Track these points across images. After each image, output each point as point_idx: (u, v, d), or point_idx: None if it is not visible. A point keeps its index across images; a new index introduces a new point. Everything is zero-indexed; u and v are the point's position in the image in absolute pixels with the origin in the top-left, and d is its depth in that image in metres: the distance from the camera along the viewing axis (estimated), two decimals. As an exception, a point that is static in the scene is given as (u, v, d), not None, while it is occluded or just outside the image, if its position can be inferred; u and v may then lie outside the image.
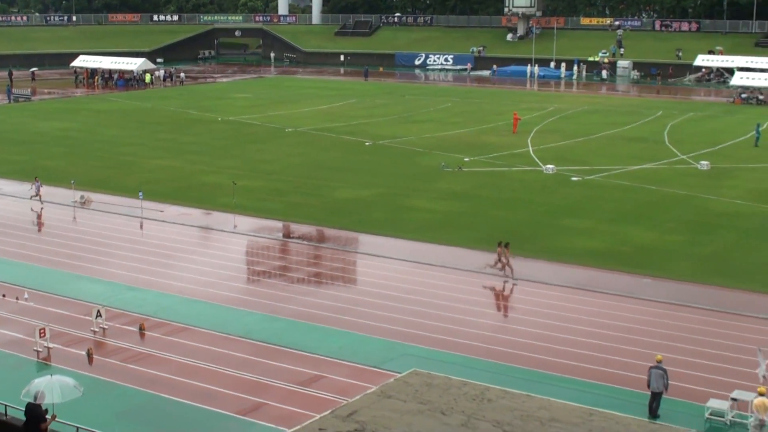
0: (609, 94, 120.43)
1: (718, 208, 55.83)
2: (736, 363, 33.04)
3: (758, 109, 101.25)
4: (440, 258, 45.79)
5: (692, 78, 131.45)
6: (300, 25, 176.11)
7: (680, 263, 45.20)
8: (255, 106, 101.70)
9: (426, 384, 31.04)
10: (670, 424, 28.45)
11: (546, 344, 34.85)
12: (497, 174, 65.28)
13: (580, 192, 60.00)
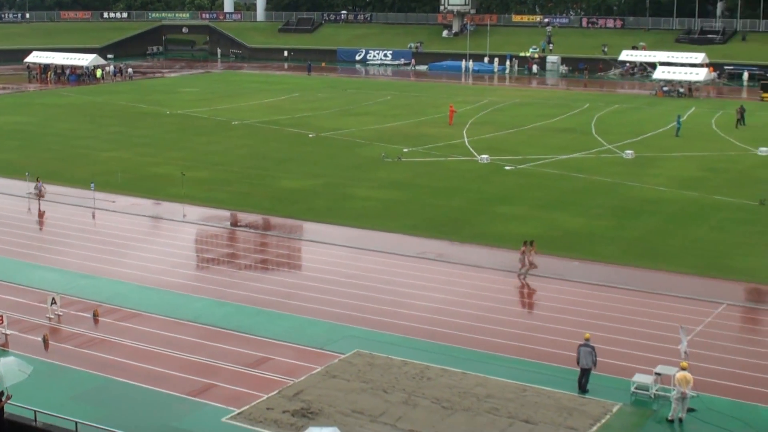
0: (539, 88, 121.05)
1: (642, 194, 56.41)
2: (659, 340, 33.45)
3: (679, 102, 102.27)
4: (381, 244, 45.88)
5: (617, 72, 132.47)
6: (245, 22, 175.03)
7: (607, 247, 45.66)
8: (202, 100, 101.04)
9: (368, 364, 31.23)
10: (598, 398, 28.93)
11: (482, 324, 35.06)
12: (434, 164, 65.46)
13: (512, 180, 60.35)
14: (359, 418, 27.16)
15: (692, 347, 31.24)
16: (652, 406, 28.64)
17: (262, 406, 28.04)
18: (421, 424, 26.80)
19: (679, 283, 40.48)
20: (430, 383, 29.70)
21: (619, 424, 27.35)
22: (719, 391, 29.47)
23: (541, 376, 30.43)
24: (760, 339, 34.97)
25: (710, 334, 34.43)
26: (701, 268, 42.46)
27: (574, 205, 53.71)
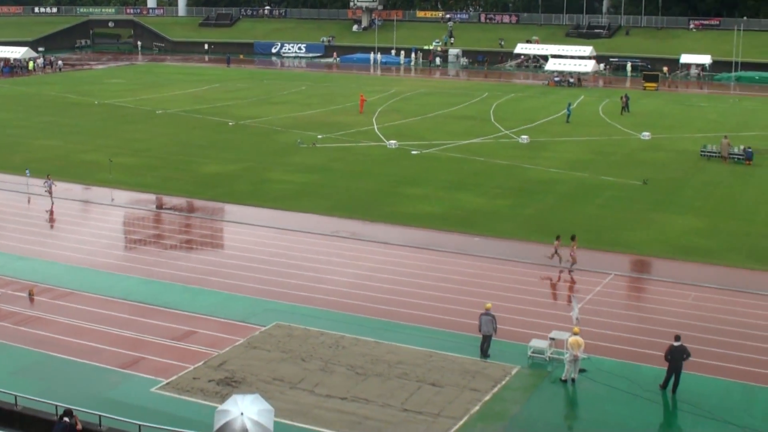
0: (442, 79, 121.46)
1: (536, 175, 57.04)
2: (553, 308, 33.97)
3: (569, 91, 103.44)
4: (298, 224, 45.76)
5: (513, 64, 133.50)
6: (167, 17, 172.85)
7: (505, 224, 46.11)
8: (128, 91, 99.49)
9: (287, 335, 31.21)
10: (498, 362, 29.27)
11: (392, 297, 35.20)
12: (346, 149, 65.38)
13: (419, 164, 60.54)
14: (279, 385, 27.14)
15: (583, 314, 31.70)
16: (548, 368, 29.05)
17: (189, 376, 27.85)
18: (337, 389, 26.87)
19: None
20: (344, 352, 29.76)
21: (518, 384, 27.72)
22: (608, 353, 29.99)
23: (447, 342, 30.68)
24: (644, 305, 35.68)
25: (599, 302, 35.03)
26: (591, 242, 43.03)
27: (475, 186, 54.10)
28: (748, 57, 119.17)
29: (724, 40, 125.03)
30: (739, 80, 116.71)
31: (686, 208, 49.71)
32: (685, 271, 39.24)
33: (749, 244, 43.35)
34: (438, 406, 25.92)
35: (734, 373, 28.94)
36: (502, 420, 25.36)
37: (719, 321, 33.34)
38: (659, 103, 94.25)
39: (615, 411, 26.20)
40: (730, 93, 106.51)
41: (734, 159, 62.31)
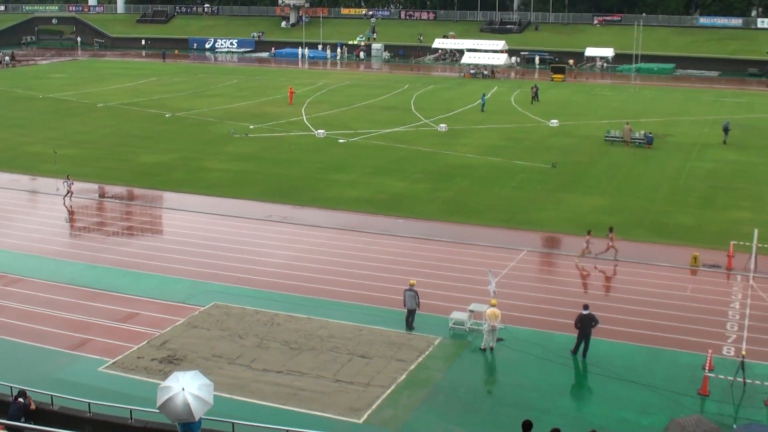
0: (366, 71, 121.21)
1: (454, 161, 57.34)
2: (472, 282, 34.20)
3: (483, 82, 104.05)
4: (233, 209, 45.44)
5: (431, 57, 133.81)
6: (107, 14, 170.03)
7: (427, 206, 46.32)
8: (71, 85, 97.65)
9: (225, 314, 31.05)
10: (422, 334, 29.45)
11: (323, 276, 35.19)
12: (277, 139, 65.00)
13: (345, 151, 60.47)
14: (218, 361, 27.01)
15: (499, 287, 32.01)
16: (468, 338, 29.32)
17: (133, 355, 27.57)
18: (272, 363, 26.82)
19: (487, 234, 41.43)
20: (279, 328, 29.69)
21: (441, 354, 27.94)
22: (523, 323, 30.38)
23: (375, 317, 30.79)
24: (554, 278, 36.18)
25: (514, 276, 35.42)
26: (505, 221, 43.53)
27: (398, 171, 54.22)
28: (648, 50, 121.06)
29: (625, 34, 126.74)
30: (640, 71, 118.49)
31: (592, 188, 50.41)
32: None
33: (650, 220, 44.15)
34: (367, 377, 26.03)
35: (638, 337, 29.53)
36: (427, 387, 25.56)
37: (624, 290, 33.99)
38: (566, 92, 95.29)
39: (530, 375, 26.56)
40: (631, 83, 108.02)
41: (636, 143, 63.29)
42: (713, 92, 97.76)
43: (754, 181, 52.75)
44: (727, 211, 45.86)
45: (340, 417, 23.64)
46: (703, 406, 24.85)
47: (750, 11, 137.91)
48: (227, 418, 21.91)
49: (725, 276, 36.31)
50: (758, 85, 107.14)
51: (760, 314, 31.74)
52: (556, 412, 24.17)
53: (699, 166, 56.93)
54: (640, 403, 24.93)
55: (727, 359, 27.66)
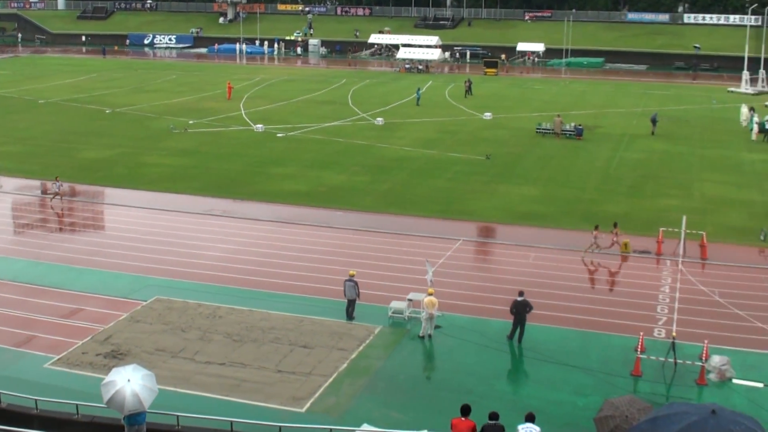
0: (303, 67, 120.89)
1: (391, 154, 57.44)
2: (410, 272, 34.31)
3: (418, 77, 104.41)
4: (173, 204, 45.00)
5: (367, 53, 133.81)
6: (48, 10, 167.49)
7: (364, 198, 46.34)
8: (12, 81, 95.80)
9: (167, 308, 30.75)
10: (362, 323, 29.47)
11: (263, 268, 35.02)
12: (216, 133, 64.51)
13: (284, 145, 60.21)
14: (162, 355, 26.74)
15: (437, 276, 32.15)
16: (407, 326, 29.38)
17: (78, 351, 27.18)
18: (215, 356, 26.63)
19: (423, 224, 41.60)
20: (221, 321, 29.49)
21: (381, 342, 27.99)
22: (460, 311, 30.56)
23: (316, 308, 30.72)
24: (490, 266, 36.46)
25: (451, 265, 35.60)
26: (441, 212, 43.74)
27: (336, 164, 54.15)
28: (577, 45, 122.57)
29: (555, 30, 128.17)
30: (569, 65, 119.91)
31: (525, 179, 50.88)
32: (525, 234, 40.24)
33: (580, 209, 44.71)
34: (309, 366, 25.99)
35: (572, 322, 29.90)
36: (368, 375, 25.60)
37: (557, 277, 34.35)
38: (499, 86, 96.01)
39: (467, 361, 26.74)
40: (562, 77, 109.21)
41: (566, 135, 64.00)
42: (641, 85, 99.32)
43: (681, 170, 53.71)
44: (656, 199, 46.63)
45: (283, 407, 23.57)
46: (636, 386, 25.26)
47: (677, 7, 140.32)
48: (172, 411, 21.81)
49: (655, 261, 36.93)
50: (685, 77, 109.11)
51: (689, 297, 32.35)
52: (494, 396, 24.37)
53: (628, 156, 57.78)
54: (575, 385, 25.25)
55: (659, 341, 28.13)
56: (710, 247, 37.68)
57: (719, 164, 55.74)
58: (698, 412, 15.09)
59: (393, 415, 23.16)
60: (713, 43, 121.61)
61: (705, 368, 25.76)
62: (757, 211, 44.61)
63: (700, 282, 34.18)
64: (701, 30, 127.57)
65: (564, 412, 23.65)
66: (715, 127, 69.80)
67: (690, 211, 42.81)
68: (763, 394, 25.01)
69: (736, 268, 35.93)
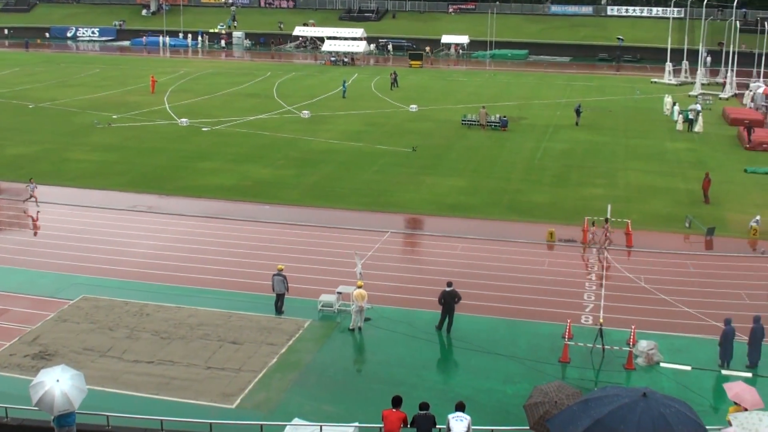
0: (228, 60, 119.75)
1: (318, 147, 57.32)
2: (339, 265, 34.32)
3: (344, 69, 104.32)
4: (98, 200, 44.32)
5: (292, 45, 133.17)
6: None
7: (291, 192, 46.18)
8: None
9: (94, 307, 30.31)
10: (292, 317, 29.41)
11: (190, 264, 34.70)
12: (141, 128, 63.61)
13: (209, 139, 59.66)
14: (90, 354, 26.35)
15: (366, 269, 32.23)
16: (336, 319, 29.42)
17: (6, 353, 26.60)
18: (143, 354, 26.33)
19: (351, 217, 41.64)
20: (149, 318, 29.16)
21: (310, 336, 27.96)
22: (389, 302, 30.68)
23: (244, 303, 30.56)
24: (419, 258, 36.66)
25: (379, 257, 35.70)
26: (368, 204, 43.82)
27: (262, 158, 53.86)
28: (501, 37, 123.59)
29: (479, 22, 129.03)
30: (494, 57, 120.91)
31: (451, 170, 51.22)
32: (452, 225, 40.53)
33: (506, 199, 45.19)
34: (239, 362, 25.85)
35: (500, 311, 30.24)
36: (298, 369, 25.55)
37: (484, 267, 34.68)
38: (424, 78, 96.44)
39: (397, 352, 26.87)
40: (486, 68, 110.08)
41: (491, 126, 64.57)
42: (565, 77, 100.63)
43: (605, 160, 54.61)
44: (581, 189, 47.34)
45: (213, 403, 23.42)
46: (565, 372, 25.67)
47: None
48: (101, 412, 21.53)
49: (581, 249, 37.52)
50: (608, 69, 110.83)
51: (614, 284, 32.96)
52: (424, 386, 24.52)
53: (552, 146, 58.55)
54: (504, 373, 25.55)
55: (586, 327, 28.62)
56: (635, 235, 38.43)
57: (643, 153, 56.83)
58: (630, 395, 15.40)
59: (324, 409, 23.17)
60: (636, 35, 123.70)
61: (633, 353, 26.32)
62: (681, 199, 45.63)
63: (626, 269, 34.85)
64: (624, 22, 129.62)
65: (494, 400, 23.92)
66: (638, 118, 71.11)
67: (614, 199, 43.55)
68: (690, 376, 25.65)
69: (661, 255, 36.71)
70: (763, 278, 34.49)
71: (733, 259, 36.58)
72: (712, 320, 29.50)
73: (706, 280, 34.10)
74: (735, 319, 26.91)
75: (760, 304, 31.10)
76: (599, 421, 14.84)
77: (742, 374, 25.60)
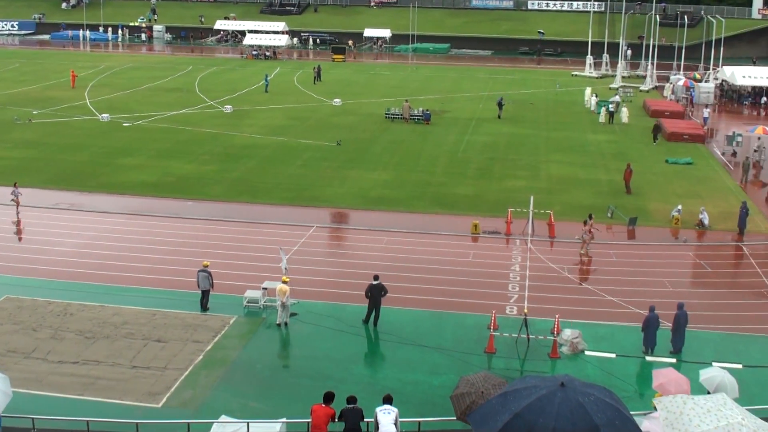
0: (149, 54, 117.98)
1: (240, 141, 56.95)
2: (264, 261, 34.17)
3: (266, 63, 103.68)
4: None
5: (213, 39, 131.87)
6: None
7: (215, 187, 45.81)
8: None
9: (17, 307, 29.74)
10: (217, 314, 29.22)
11: (114, 262, 34.20)
12: (62, 124, 62.41)
13: (131, 135, 58.80)
14: (13, 356, 25.82)
15: (292, 264, 32.17)
16: (262, 314, 29.31)
17: (-77, 356, 25.94)
18: (68, 354, 25.91)
19: (276, 212, 41.51)
20: (72, 318, 28.70)
21: (236, 332, 27.83)
22: (316, 297, 30.71)
23: (169, 301, 30.27)
24: (344, 252, 36.71)
25: (305, 252, 35.66)
26: (293, 199, 43.72)
27: (185, 153, 53.30)
28: (423, 31, 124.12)
29: (401, 16, 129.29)
30: (416, 51, 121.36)
31: (376, 164, 51.35)
32: (378, 219, 40.68)
33: (430, 192, 45.48)
34: (164, 360, 25.61)
35: (426, 303, 30.49)
36: (224, 366, 25.41)
37: (410, 260, 34.89)
38: (347, 72, 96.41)
39: (324, 347, 26.90)
40: (409, 62, 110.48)
41: (415, 120, 64.88)
42: (487, 70, 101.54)
43: (527, 152, 55.32)
44: (504, 181, 47.89)
45: (139, 403, 23.16)
46: (491, 362, 25.99)
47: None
48: (26, 414, 21.19)
49: (504, 241, 37.98)
50: (529, 62, 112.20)
51: (538, 274, 33.43)
52: (351, 380, 24.60)
53: (475, 139, 59.08)
54: (431, 365, 25.76)
55: (511, 318, 29.01)
56: (558, 226, 39.03)
57: (565, 145, 57.71)
58: (547, 385, 15.47)
59: (251, 405, 23.10)
60: (557, 29, 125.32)
61: (557, 342, 26.74)
62: (603, 190, 46.47)
63: (549, 259, 35.40)
64: (545, 16, 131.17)
65: (420, 392, 24.11)
66: (560, 110, 72.16)
67: (537, 191, 44.14)
68: (615, 364, 26.18)
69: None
70: (685, 266, 35.43)
71: (655, 248, 37.43)
72: (636, 308, 30.16)
73: (629, 269, 34.85)
74: (658, 307, 27.58)
75: (682, 291, 31.96)
76: (518, 415, 14.91)
77: (665, 360, 26.25)
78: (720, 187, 48.15)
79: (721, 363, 24.89)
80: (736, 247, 38.25)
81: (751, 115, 74.86)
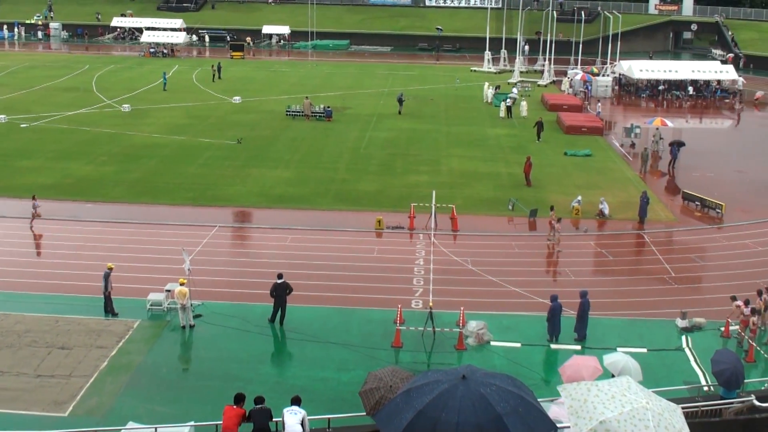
0: (45, 52, 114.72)
1: (140, 141, 55.98)
2: (167, 263, 33.69)
3: (164, 61, 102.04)
4: None
5: (110, 37, 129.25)
6: None
7: (114, 189, 44.94)
8: None
9: None
10: (121, 319, 28.71)
11: (14, 269, 33.31)
12: (-48, 127, 60.46)
13: (28, 137, 57.22)
14: None
15: (195, 265, 31.68)
16: (166, 317, 28.93)
17: None
18: (-33, 364, 25.13)
19: (177, 213, 40.98)
20: (-30, 327, 27.84)
21: (141, 336, 27.40)
22: (220, 297, 30.46)
23: (71, 306, 29.60)
24: (248, 251, 36.47)
25: (208, 252, 35.30)
26: (194, 199, 43.20)
27: (83, 154, 52.14)
28: (322, 27, 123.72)
29: (299, 12, 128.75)
30: (316, 48, 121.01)
31: (277, 162, 51.08)
32: (281, 217, 40.50)
33: (333, 189, 45.48)
34: (69, 368, 25.05)
35: (331, 300, 30.52)
36: (129, 371, 24.99)
37: (314, 257, 34.83)
38: (247, 69, 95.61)
39: (231, 347, 26.70)
40: (309, 59, 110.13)
41: (316, 117, 64.73)
42: (386, 66, 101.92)
43: (428, 147, 55.76)
44: (406, 176, 48.18)
45: (45, 413, 22.60)
46: (398, 357, 26.15)
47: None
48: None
49: (408, 236, 38.21)
50: (428, 58, 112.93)
51: (442, 268, 33.77)
52: (259, 380, 24.46)
53: (377, 135, 59.28)
54: (339, 362, 25.80)
55: (416, 311, 29.23)
56: (460, 219, 39.46)
57: (465, 140, 58.34)
58: (449, 379, 15.44)
59: (158, 410, 22.77)
60: (455, 25, 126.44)
61: (463, 334, 27.07)
62: (503, 183, 47.16)
63: (452, 252, 35.76)
64: (443, 12, 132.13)
65: (329, 389, 24.14)
66: (459, 105, 72.91)
67: (439, 185, 44.55)
68: (521, 353, 26.64)
69: (486, 237, 37.91)
70: (586, 255, 36.21)
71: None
72: (539, 297, 30.71)
73: (531, 259, 35.48)
74: (561, 296, 28.14)
75: (584, 280, 32.68)
76: (421, 412, 14.89)
77: (570, 347, 26.81)
78: (619, 177, 49.34)
79: (626, 348, 25.65)
80: (637, 236, 39.26)
81: (648, 107, 76.84)
